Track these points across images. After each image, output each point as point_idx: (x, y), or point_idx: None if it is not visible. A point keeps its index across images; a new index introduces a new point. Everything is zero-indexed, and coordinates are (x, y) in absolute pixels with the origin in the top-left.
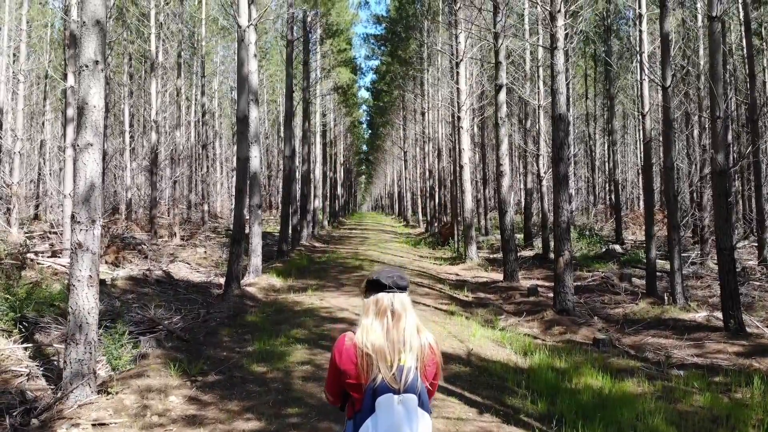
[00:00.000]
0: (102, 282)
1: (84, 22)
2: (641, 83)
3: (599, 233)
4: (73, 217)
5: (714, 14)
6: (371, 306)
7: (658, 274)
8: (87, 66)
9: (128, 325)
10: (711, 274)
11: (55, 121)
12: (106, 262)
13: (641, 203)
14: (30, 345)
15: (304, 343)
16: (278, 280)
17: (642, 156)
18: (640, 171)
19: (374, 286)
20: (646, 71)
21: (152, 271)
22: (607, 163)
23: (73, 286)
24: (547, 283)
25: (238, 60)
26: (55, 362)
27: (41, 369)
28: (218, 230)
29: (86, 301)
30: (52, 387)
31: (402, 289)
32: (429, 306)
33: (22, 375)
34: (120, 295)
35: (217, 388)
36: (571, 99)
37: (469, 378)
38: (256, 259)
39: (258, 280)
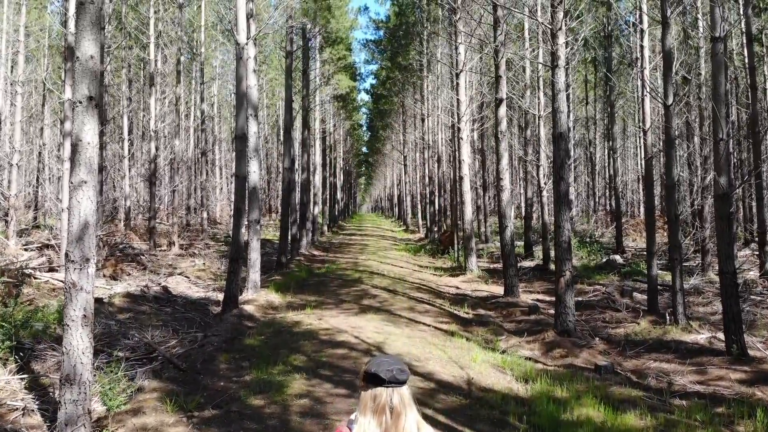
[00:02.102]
0: (99, 300)
1: (78, 58)
2: (642, 99)
3: (600, 240)
4: (66, 255)
5: (717, 35)
6: (368, 402)
7: (659, 287)
8: (81, 102)
9: (125, 351)
10: (712, 289)
11: (54, 126)
12: (104, 276)
13: (641, 208)
14: (26, 375)
15: (302, 372)
16: (277, 296)
17: (643, 171)
18: (640, 178)
19: (372, 380)
20: (648, 88)
21: (150, 287)
22: (607, 169)
23: (67, 326)
24: (547, 298)
25: (237, 77)
26: (51, 393)
27: (37, 402)
28: (217, 237)
29: (80, 341)
30: (48, 424)
31: (402, 383)
32: (429, 326)
33: (17, 409)
34: (117, 313)
35: (213, 425)
36: (571, 104)
37: (469, 412)
38: (254, 275)
39: (256, 297)
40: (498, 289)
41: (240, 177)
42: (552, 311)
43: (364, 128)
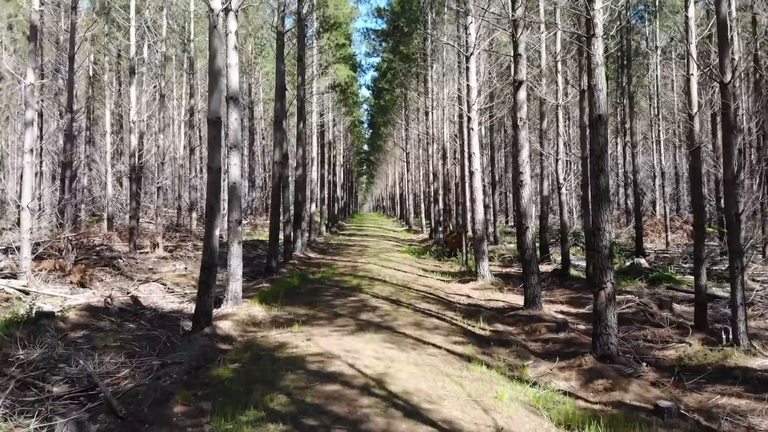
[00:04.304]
0: (50, 315)
1: None
2: (689, 78)
3: (616, 241)
4: None
5: None
6: None
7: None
8: None
9: (62, 385)
10: (760, 299)
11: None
12: (71, 283)
13: (657, 207)
14: None
15: (279, 419)
16: (261, 309)
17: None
18: (656, 175)
19: None
20: (694, 64)
21: (114, 297)
22: (623, 166)
23: None
24: (573, 309)
25: (210, 50)
26: None
27: None
28: None
29: None
30: None
31: None
32: (440, 347)
33: None
34: (69, 331)
35: None
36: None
37: None
38: (234, 284)
39: (236, 311)
40: (515, 299)
41: (214, 169)
42: (582, 327)
43: (366, 125)
